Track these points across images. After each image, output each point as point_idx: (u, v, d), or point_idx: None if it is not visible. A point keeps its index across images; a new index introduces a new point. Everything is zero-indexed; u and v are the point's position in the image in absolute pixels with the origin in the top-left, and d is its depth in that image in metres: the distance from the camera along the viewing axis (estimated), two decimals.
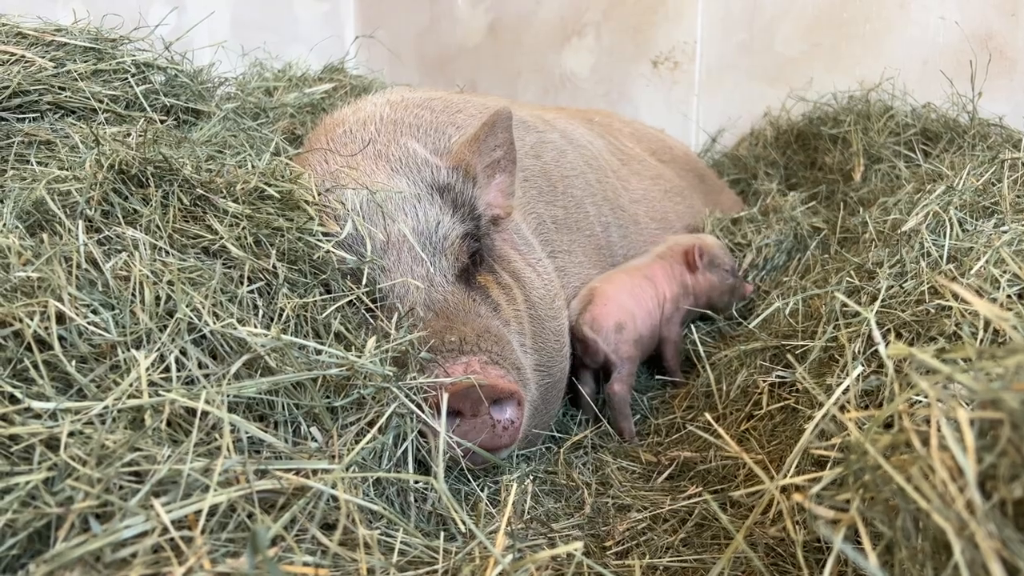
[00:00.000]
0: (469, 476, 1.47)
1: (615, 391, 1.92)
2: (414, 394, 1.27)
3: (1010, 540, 0.58)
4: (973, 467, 0.61)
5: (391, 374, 1.23)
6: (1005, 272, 1.19)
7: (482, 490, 1.46)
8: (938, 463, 0.64)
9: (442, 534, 1.12)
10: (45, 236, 1.18)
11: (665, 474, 1.60)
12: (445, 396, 1.28)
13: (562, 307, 1.96)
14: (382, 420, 1.17)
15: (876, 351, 1.21)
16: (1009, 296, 1.17)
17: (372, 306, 1.45)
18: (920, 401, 0.92)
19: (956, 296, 1.13)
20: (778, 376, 1.51)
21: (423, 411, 1.26)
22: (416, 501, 1.25)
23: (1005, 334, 0.77)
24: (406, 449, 1.24)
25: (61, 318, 1.07)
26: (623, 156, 2.69)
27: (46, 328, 1.05)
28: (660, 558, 1.33)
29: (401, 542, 1.07)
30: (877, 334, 0.83)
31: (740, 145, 3.49)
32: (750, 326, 1.78)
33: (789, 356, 1.43)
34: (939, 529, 0.65)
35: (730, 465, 1.51)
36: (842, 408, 1.03)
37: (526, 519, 1.39)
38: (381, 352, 1.26)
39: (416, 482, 1.22)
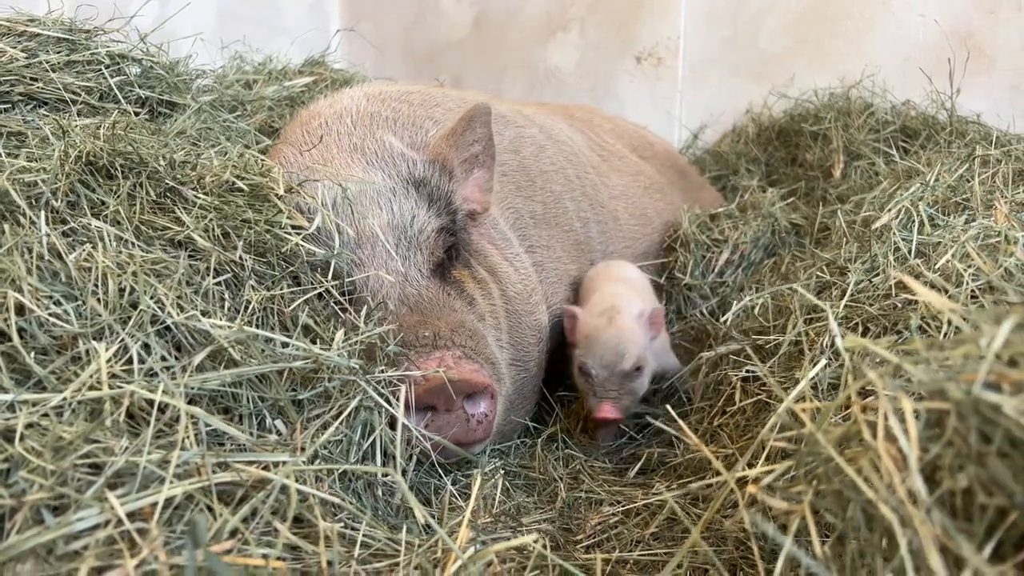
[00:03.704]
0: (441, 470, 1.46)
1: None
2: (382, 387, 1.27)
3: (951, 529, 0.58)
4: (916, 455, 0.61)
5: (357, 367, 1.22)
6: (970, 266, 1.20)
7: (454, 484, 1.46)
8: (884, 453, 0.64)
9: (404, 527, 1.12)
10: (7, 227, 1.16)
11: (636, 467, 1.60)
12: (408, 389, 1.28)
13: (539, 302, 1.95)
14: (346, 412, 1.16)
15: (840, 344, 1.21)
16: (973, 290, 1.18)
17: (340, 299, 1.44)
18: (875, 393, 0.92)
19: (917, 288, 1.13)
20: (748, 371, 1.52)
21: (390, 404, 1.25)
22: (384, 495, 1.25)
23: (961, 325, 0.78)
24: (374, 442, 1.23)
25: (21, 309, 1.06)
26: (603, 152, 2.68)
27: (5, 319, 1.03)
28: (630, 552, 1.33)
29: (365, 534, 1.07)
30: (834, 326, 0.83)
31: (722, 141, 3.49)
32: (722, 320, 1.78)
33: (749, 350, 1.43)
34: (887, 519, 0.65)
35: (701, 459, 1.51)
36: (800, 400, 1.03)
37: (495, 513, 1.38)
38: (349, 345, 1.25)
39: (384, 475, 1.22)
